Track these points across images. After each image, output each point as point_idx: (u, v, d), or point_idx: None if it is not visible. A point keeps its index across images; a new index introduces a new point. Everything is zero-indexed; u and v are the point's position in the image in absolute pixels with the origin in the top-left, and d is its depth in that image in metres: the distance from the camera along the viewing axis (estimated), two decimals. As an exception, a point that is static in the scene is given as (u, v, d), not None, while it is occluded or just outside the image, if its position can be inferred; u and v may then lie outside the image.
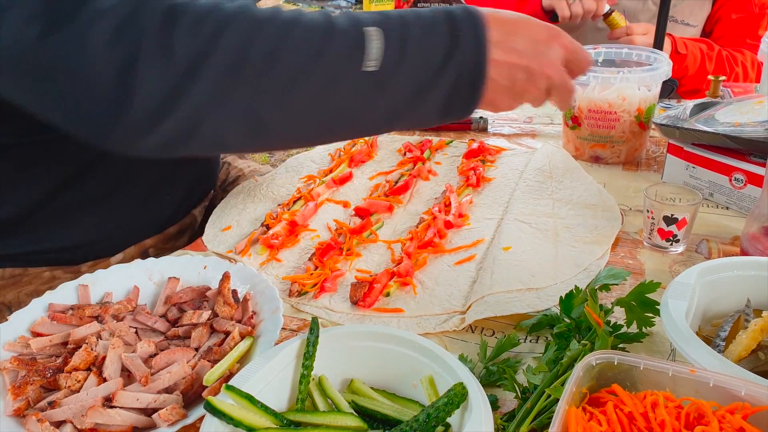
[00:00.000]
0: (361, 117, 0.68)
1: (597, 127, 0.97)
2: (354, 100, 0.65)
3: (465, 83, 0.67)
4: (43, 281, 0.92)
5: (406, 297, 0.80)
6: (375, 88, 0.64)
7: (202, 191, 1.13)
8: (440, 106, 0.68)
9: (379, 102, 0.66)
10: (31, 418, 0.58)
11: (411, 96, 0.66)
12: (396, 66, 0.64)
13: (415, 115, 0.69)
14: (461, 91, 0.67)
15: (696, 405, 0.48)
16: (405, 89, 0.65)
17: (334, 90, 0.63)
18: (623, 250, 0.88)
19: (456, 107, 0.69)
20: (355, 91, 0.64)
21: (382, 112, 0.67)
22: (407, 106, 0.67)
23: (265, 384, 0.57)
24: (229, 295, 0.75)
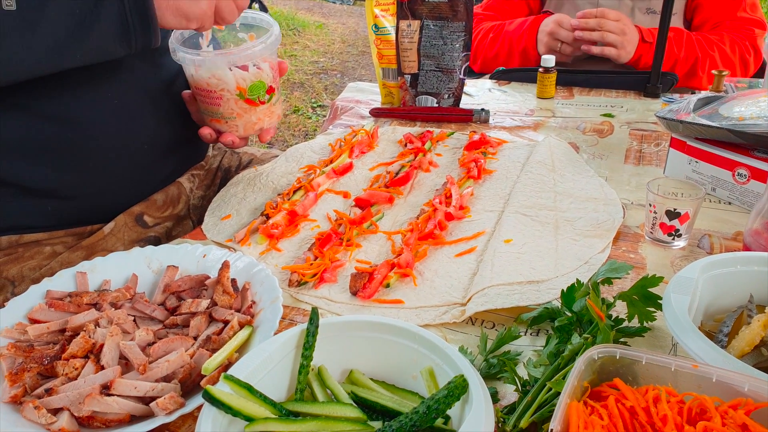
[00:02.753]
0: (14, 53, 0.73)
1: (206, 104, 0.98)
2: (2, 36, 0.71)
3: (133, 9, 0.78)
4: (45, 256, 0.92)
5: (406, 288, 0.80)
6: (22, 26, 0.72)
7: (186, 157, 1.12)
8: (115, 33, 0.79)
9: (33, 38, 0.73)
10: (28, 405, 0.58)
11: (73, 28, 0.75)
12: (41, 4, 0.72)
13: (89, 44, 0.78)
14: (132, 17, 0.79)
15: (698, 400, 0.48)
16: (60, 22, 0.74)
17: None
18: (625, 244, 0.87)
19: (134, 33, 0.80)
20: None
21: (41, 48, 0.75)
22: (74, 38, 0.76)
23: (264, 374, 0.57)
24: (228, 284, 0.74)
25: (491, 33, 1.74)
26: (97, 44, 0.80)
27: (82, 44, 0.78)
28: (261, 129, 1.03)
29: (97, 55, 0.82)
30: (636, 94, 1.51)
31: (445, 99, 1.41)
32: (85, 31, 0.77)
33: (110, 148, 0.94)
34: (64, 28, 0.75)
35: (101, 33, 0.78)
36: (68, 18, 0.75)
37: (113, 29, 0.79)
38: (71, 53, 0.78)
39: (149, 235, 1.02)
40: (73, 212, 0.95)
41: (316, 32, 6.42)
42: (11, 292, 0.90)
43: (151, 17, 0.81)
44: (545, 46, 1.62)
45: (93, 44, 0.79)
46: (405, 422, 0.51)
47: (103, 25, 0.78)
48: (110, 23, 0.78)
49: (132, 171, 0.99)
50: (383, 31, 1.41)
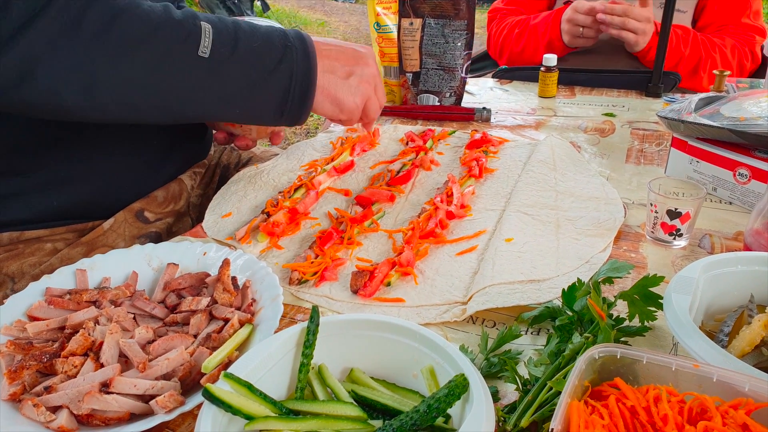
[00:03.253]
0: (194, 95, 0.78)
1: None
2: (187, 77, 0.76)
3: (297, 86, 0.84)
4: (45, 253, 0.92)
5: (407, 287, 0.80)
6: (207, 71, 0.77)
7: (189, 155, 1.12)
8: (275, 103, 0.84)
9: (211, 85, 0.78)
10: (27, 403, 0.58)
11: (244, 86, 0.80)
12: (227, 57, 0.78)
13: (250, 105, 0.83)
14: (294, 94, 0.84)
15: (699, 400, 0.48)
16: (237, 79, 0.79)
17: (167, 65, 0.75)
18: (626, 244, 0.87)
19: (290, 107, 0.85)
20: (187, 69, 0.76)
21: (215, 95, 0.80)
22: (241, 95, 0.81)
23: (264, 372, 0.57)
24: (228, 282, 0.74)
25: (517, 28, 1.75)
26: (255, 108, 0.84)
27: (245, 103, 0.82)
28: (272, 132, 1.07)
29: (248, 117, 0.86)
30: (637, 93, 1.51)
31: (447, 97, 1.40)
32: (253, 95, 0.82)
33: (115, 145, 0.94)
34: (238, 86, 0.80)
35: (263, 100, 0.83)
36: (244, 79, 0.80)
37: (274, 100, 0.84)
38: (232, 110, 0.83)
39: (150, 231, 1.02)
40: (76, 208, 0.95)
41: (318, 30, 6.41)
42: (11, 289, 0.90)
43: (309, 100, 0.85)
44: (568, 35, 1.62)
45: (252, 107, 0.84)
46: (405, 421, 0.51)
47: (268, 93, 0.83)
48: (275, 94, 0.83)
49: (137, 168, 0.99)
50: (385, 29, 1.41)
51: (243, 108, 0.83)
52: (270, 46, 0.82)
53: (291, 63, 0.82)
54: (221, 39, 0.78)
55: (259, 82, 0.81)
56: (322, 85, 0.87)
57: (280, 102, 0.84)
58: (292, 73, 0.83)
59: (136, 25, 0.72)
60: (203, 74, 0.77)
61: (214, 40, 0.77)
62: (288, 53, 0.82)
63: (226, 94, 0.80)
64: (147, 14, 0.73)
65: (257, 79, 0.81)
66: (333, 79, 0.88)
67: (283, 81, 0.82)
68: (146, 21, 0.73)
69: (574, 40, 1.62)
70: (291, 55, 0.83)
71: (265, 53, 0.81)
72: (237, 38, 0.79)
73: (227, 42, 0.78)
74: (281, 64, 0.82)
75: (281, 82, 0.82)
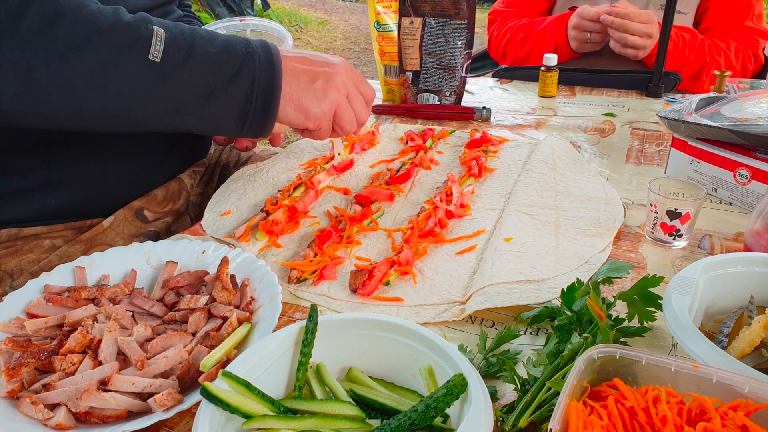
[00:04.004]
0: (145, 102, 0.75)
1: None
2: (136, 83, 0.73)
3: (260, 94, 0.79)
4: (44, 249, 0.92)
5: (406, 286, 0.80)
6: (159, 77, 0.73)
7: (189, 154, 1.12)
8: (236, 112, 0.79)
9: (164, 92, 0.74)
10: (25, 400, 0.58)
11: (201, 94, 0.76)
12: (181, 63, 0.74)
13: (208, 114, 0.78)
14: (257, 102, 0.79)
15: (698, 401, 0.48)
16: (192, 85, 0.76)
17: (113, 69, 0.71)
18: (625, 244, 0.87)
19: (253, 116, 0.80)
20: (136, 74, 0.72)
21: (168, 103, 0.76)
22: (198, 103, 0.77)
23: (262, 371, 0.56)
24: (227, 280, 0.74)
25: (521, 33, 1.75)
26: (214, 117, 0.80)
27: (202, 111, 0.78)
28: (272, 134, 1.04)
29: (209, 126, 0.82)
30: (638, 93, 1.51)
31: (447, 97, 1.40)
32: (210, 103, 0.78)
33: (116, 145, 0.94)
34: (194, 92, 0.76)
35: (223, 109, 0.79)
36: (201, 85, 0.76)
37: (234, 109, 0.80)
38: (188, 118, 0.79)
39: (149, 230, 1.02)
40: (76, 207, 0.95)
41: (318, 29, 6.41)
42: (10, 285, 0.90)
43: (273, 107, 0.81)
44: (575, 41, 1.62)
45: (210, 116, 0.79)
46: (403, 420, 0.51)
47: (228, 101, 0.79)
48: (235, 102, 0.79)
49: (137, 167, 0.99)
50: (385, 28, 1.41)
51: (200, 116, 0.79)
52: (229, 53, 0.78)
53: (252, 70, 0.79)
54: (175, 44, 0.74)
55: (217, 89, 0.77)
56: (286, 91, 0.82)
57: (241, 111, 0.80)
58: (254, 80, 0.79)
59: (79, 26, 0.69)
60: (154, 80, 0.73)
61: (166, 45, 0.73)
62: (249, 59, 0.79)
63: (182, 102, 0.76)
64: (93, 16, 0.70)
65: (215, 86, 0.77)
66: (296, 84, 0.83)
67: (243, 88, 0.79)
68: (91, 22, 0.70)
69: (582, 46, 1.62)
70: (252, 62, 0.79)
71: (223, 59, 0.78)
72: (193, 43, 0.76)
73: (182, 47, 0.75)
74: (241, 71, 0.78)
75: (242, 89, 0.78)
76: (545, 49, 1.67)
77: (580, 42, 1.61)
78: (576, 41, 1.62)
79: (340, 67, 0.88)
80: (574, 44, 1.63)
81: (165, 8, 1.05)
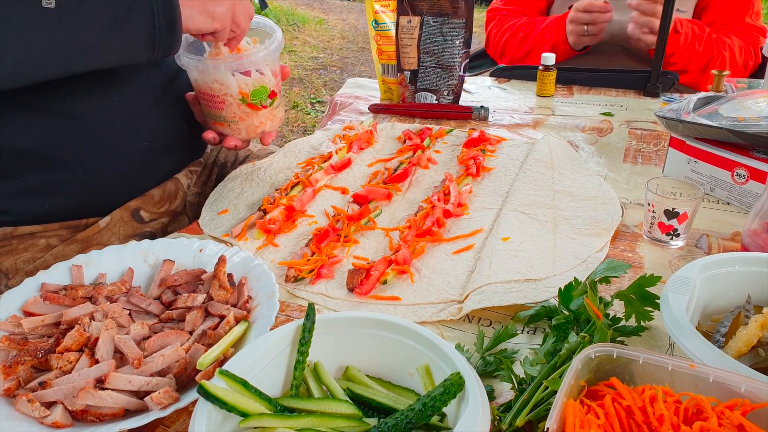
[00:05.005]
0: (50, 49, 0.75)
1: (209, 107, 0.99)
2: (35, 32, 0.73)
3: (160, 10, 0.80)
4: (39, 249, 0.92)
5: (403, 285, 0.80)
6: (58, 22, 0.74)
7: (185, 154, 1.12)
8: (143, 36, 0.80)
9: (67, 35, 0.75)
10: (22, 399, 0.58)
11: (105, 28, 0.77)
12: (77, 3, 0.74)
13: (116, 46, 0.80)
14: (160, 20, 0.80)
15: (695, 400, 0.48)
16: (94, 23, 0.76)
17: (8, 23, 0.71)
18: (623, 243, 0.87)
19: (160, 35, 0.81)
20: (34, 24, 0.72)
21: (74, 45, 0.76)
22: (103, 38, 0.78)
23: (259, 369, 0.56)
24: (224, 279, 0.74)
25: (521, 32, 1.75)
26: (124, 48, 0.81)
27: (110, 46, 0.79)
28: (263, 132, 1.04)
29: (121, 58, 0.83)
30: (636, 93, 1.51)
31: (445, 96, 1.40)
32: (116, 34, 0.79)
33: (111, 145, 0.94)
34: (97, 29, 0.77)
35: (130, 37, 0.80)
36: (102, 20, 0.77)
37: (141, 34, 0.80)
38: (99, 55, 0.79)
39: (145, 231, 1.01)
40: (71, 208, 0.94)
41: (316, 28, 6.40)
42: (5, 285, 0.90)
43: (177, 23, 0.82)
44: (573, 35, 1.62)
45: (120, 47, 0.80)
46: (401, 419, 0.51)
47: (132, 28, 0.79)
48: (139, 27, 0.80)
49: (132, 168, 0.98)
50: (383, 27, 1.41)
51: (110, 51, 0.80)
52: None
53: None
54: None
55: (118, 20, 0.78)
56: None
57: (148, 33, 0.81)
58: (152, 1, 0.80)
59: None
60: (54, 26, 0.74)
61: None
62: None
63: (87, 42, 0.77)
64: None
65: (116, 18, 0.78)
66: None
67: (143, 10, 0.79)
68: None
69: (580, 40, 1.62)
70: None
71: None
72: None
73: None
74: None
75: (142, 11, 0.79)
76: (544, 48, 1.67)
77: (577, 36, 1.61)
78: (573, 35, 1.62)
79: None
80: (572, 38, 1.63)
81: None
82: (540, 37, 1.70)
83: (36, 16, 0.72)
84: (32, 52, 0.74)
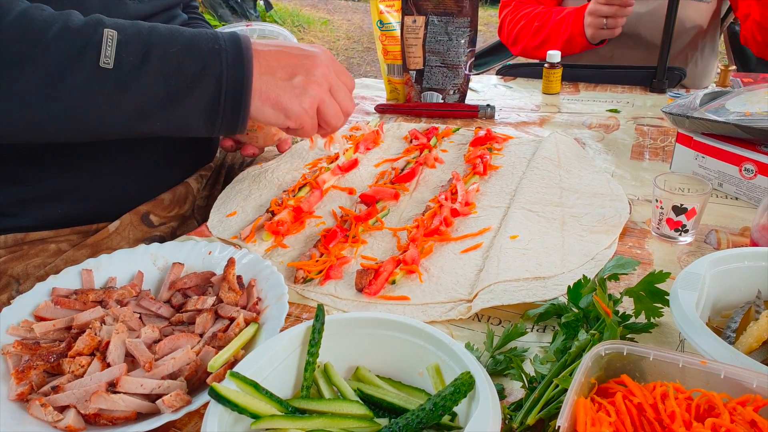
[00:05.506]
0: (102, 110, 0.72)
1: None
2: (89, 92, 0.70)
3: (228, 92, 0.75)
4: (50, 254, 0.92)
5: (412, 285, 0.80)
6: (113, 84, 0.70)
7: (196, 158, 1.12)
8: (203, 112, 0.76)
9: (120, 99, 0.72)
10: (35, 403, 0.58)
11: (163, 99, 0.73)
12: (138, 67, 0.71)
13: (174, 118, 0.75)
14: (225, 101, 0.76)
15: (706, 397, 0.48)
16: (152, 91, 0.72)
17: (62, 80, 0.69)
18: (631, 240, 0.87)
19: (223, 115, 0.77)
20: (88, 83, 0.70)
21: (128, 108, 0.73)
22: (160, 108, 0.74)
23: (269, 371, 0.57)
24: (234, 281, 0.74)
25: (536, 21, 1.72)
26: (182, 119, 0.76)
27: (166, 115, 0.75)
28: (279, 140, 1.06)
29: (177, 129, 0.78)
30: (642, 89, 1.50)
31: (451, 95, 1.40)
32: (175, 104, 0.74)
33: (124, 152, 0.94)
34: (155, 96, 0.73)
35: (190, 110, 0.76)
36: (161, 88, 0.73)
37: (203, 109, 0.76)
38: (153, 122, 0.75)
39: (154, 235, 1.02)
40: (82, 215, 0.95)
41: (321, 29, 6.41)
42: (16, 290, 0.91)
43: (244, 106, 0.77)
44: (591, 28, 1.58)
45: (177, 118, 0.76)
46: (411, 419, 0.51)
47: (194, 101, 0.75)
48: (202, 102, 0.75)
49: (144, 174, 0.99)
50: (388, 27, 1.41)
51: (165, 121, 0.76)
52: (192, 51, 0.74)
53: (218, 67, 0.75)
54: (129, 46, 0.71)
55: (179, 91, 0.74)
56: (260, 89, 0.78)
57: (210, 111, 0.76)
58: (221, 78, 0.75)
59: (18, 39, 0.67)
60: (109, 88, 0.70)
61: (119, 49, 0.70)
62: (214, 56, 0.75)
63: (143, 107, 0.73)
64: (35, 25, 0.68)
65: (177, 89, 0.73)
66: (272, 81, 0.79)
67: (209, 87, 0.75)
68: (32, 33, 0.68)
69: (598, 33, 1.57)
70: (218, 59, 0.75)
71: (185, 59, 0.74)
72: (150, 44, 0.72)
73: (136, 49, 0.71)
74: (206, 69, 0.74)
75: (207, 88, 0.75)
76: (560, 39, 1.65)
77: (595, 29, 1.57)
78: (592, 28, 1.58)
79: (321, 59, 0.83)
80: (590, 31, 1.59)
81: (170, 12, 1.05)
82: (556, 28, 1.67)
83: (91, 74, 0.70)
84: (85, 113, 0.72)
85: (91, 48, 0.69)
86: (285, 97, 0.79)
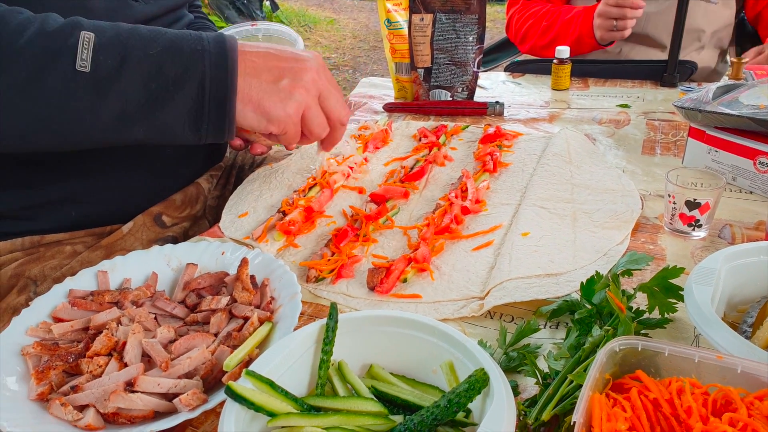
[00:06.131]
0: (81, 116, 0.69)
1: None
2: (67, 97, 0.67)
3: (212, 95, 0.72)
4: (65, 256, 0.94)
5: (423, 283, 0.80)
6: (91, 89, 0.68)
7: (206, 159, 1.13)
8: (186, 117, 0.73)
9: (102, 104, 0.69)
10: (55, 402, 0.59)
11: (143, 103, 0.70)
12: (115, 69, 0.68)
13: (156, 123, 0.72)
14: (209, 104, 0.72)
15: (723, 392, 0.48)
16: (131, 95, 0.69)
17: (38, 86, 0.66)
18: (644, 236, 0.86)
19: (208, 120, 0.74)
20: (66, 88, 0.67)
21: (108, 114, 0.70)
22: (141, 113, 0.71)
23: (284, 369, 0.57)
24: (247, 281, 0.75)
25: (545, 20, 1.71)
26: (165, 125, 0.73)
27: (148, 121, 0.72)
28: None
29: (161, 135, 0.75)
30: (652, 83, 1.49)
31: (459, 92, 1.40)
32: (156, 109, 0.71)
33: (135, 154, 0.95)
34: (136, 101, 0.70)
35: (172, 114, 0.72)
36: (141, 91, 0.70)
37: (186, 114, 0.73)
38: (135, 128, 0.73)
39: (167, 235, 1.03)
40: (95, 218, 0.96)
41: (327, 28, 6.42)
42: (33, 291, 0.92)
43: (230, 109, 0.74)
44: (601, 29, 1.57)
45: (160, 124, 0.73)
46: (426, 416, 0.51)
47: (176, 106, 0.72)
48: (184, 106, 0.72)
49: (155, 176, 1.00)
50: (396, 25, 1.41)
51: (147, 127, 0.72)
52: (173, 52, 0.71)
53: (200, 69, 0.71)
54: (106, 49, 0.68)
55: (161, 94, 0.70)
56: (242, 90, 0.74)
57: (194, 116, 0.73)
58: (203, 81, 0.71)
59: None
60: (86, 92, 0.67)
61: (95, 51, 0.67)
62: (196, 58, 0.71)
63: (124, 112, 0.70)
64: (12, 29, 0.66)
65: (159, 91, 0.70)
66: (256, 83, 0.75)
67: (191, 90, 0.71)
68: (9, 36, 0.66)
69: (608, 35, 1.56)
70: (201, 61, 0.71)
71: (166, 61, 0.71)
72: (128, 46, 0.69)
73: (114, 52, 0.68)
74: (188, 72, 0.71)
75: (190, 91, 0.71)
76: (568, 40, 1.64)
77: (605, 30, 1.56)
78: (601, 29, 1.57)
79: (311, 63, 0.79)
80: (599, 33, 1.58)
81: (175, 14, 1.05)
82: (565, 28, 1.66)
83: (68, 79, 0.67)
84: (64, 120, 0.69)
85: (66, 51, 0.67)
86: (268, 100, 0.76)
